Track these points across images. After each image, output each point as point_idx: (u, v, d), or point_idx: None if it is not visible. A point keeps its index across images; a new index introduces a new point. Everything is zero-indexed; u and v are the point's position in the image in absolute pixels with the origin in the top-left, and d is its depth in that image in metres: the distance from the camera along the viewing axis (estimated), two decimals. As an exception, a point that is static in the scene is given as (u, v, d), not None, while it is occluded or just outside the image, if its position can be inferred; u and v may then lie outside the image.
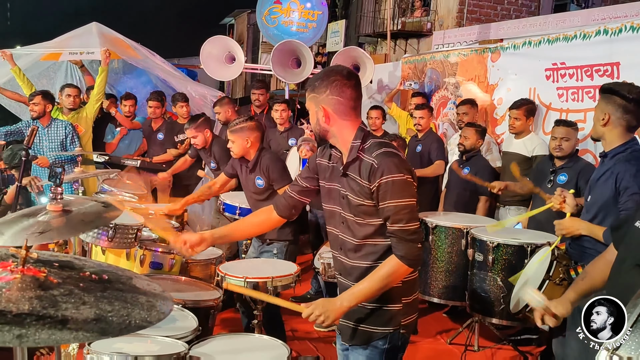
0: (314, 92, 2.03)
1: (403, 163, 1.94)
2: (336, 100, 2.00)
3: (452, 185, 4.81)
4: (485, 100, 5.43)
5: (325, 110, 2.00)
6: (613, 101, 2.60)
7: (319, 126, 2.04)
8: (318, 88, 2.01)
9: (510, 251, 3.54)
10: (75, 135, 5.22)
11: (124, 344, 2.06)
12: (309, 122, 5.43)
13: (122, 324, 0.97)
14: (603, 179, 2.68)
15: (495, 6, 9.73)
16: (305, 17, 6.82)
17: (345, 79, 2.00)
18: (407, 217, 1.91)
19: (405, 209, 1.91)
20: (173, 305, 1.17)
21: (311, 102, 2.06)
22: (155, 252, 3.16)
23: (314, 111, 2.04)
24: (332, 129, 2.03)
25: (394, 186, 1.90)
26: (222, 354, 2.12)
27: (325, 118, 2.01)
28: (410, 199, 1.92)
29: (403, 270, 1.94)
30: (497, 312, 3.61)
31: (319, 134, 2.07)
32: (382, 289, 1.96)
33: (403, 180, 1.91)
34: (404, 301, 2.04)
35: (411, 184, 1.94)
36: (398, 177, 1.90)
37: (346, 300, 1.96)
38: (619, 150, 2.62)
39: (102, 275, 1.13)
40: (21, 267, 1.05)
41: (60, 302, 0.97)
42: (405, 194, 1.91)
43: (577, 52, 4.45)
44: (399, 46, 10.68)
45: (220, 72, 6.81)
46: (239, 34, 19.40)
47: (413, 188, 1.95)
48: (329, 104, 2.00)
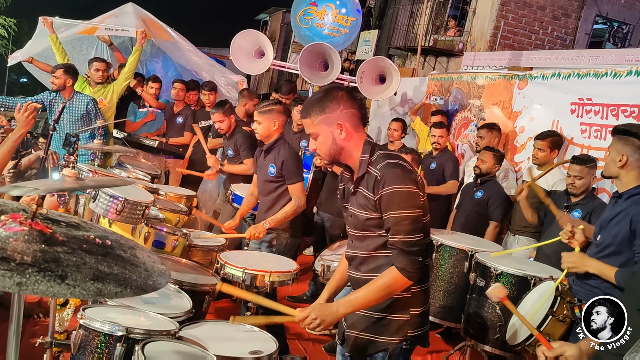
0: (325, 113, 1.99)
1: (407, 173, 1.91)
2: (351, 112, 2.00)
3: (463, 206, 4.79)
4: (507, 126, 5.41)
5: (343, 125, 1.98)
6: (631, 143, 2.60)
7: (335, 146, 2.01)
8: (329, 107, 1.99)
9: (513, 281, 3.49)
10: (99, 110, 5.30)
11: (118, 314, 2.09)
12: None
13: (118, 288, 0.99)
14: (617, 220, 2.66)
15: (530, 35, 9.68)
16: (338, 22, 6.84)
17: (349, 92, 2.03)
18: (408, 228, 1.88)
19: (405, 220, 1.88)
20: (170, 279, 1.19)
21: (321, 125, 2.00)
22: (159, 231, 3.20)
23: (327, 132, 2.00)
24: (348, 146, 2.02)
25: (395, 197, 1.88)
26: (210, 339, 2.14)
27: (346, 133, 1.99)
28: (413, 210, 1.89)
29: (402, 283, 1.91)
30: (491, 340, 3.57)
31: (334, 155, 2.04)
32: (379, 299, 1.94)
33: (405, 192, 1.88)
34: (412, 312, 2.00)
35: (415, 194, 1.90)
36: (399, 188, 1.88)
37: (342, 306, 1.95)
38: (635, 192, 2.60)
39: (105, 241, 1.16)
40: (30, 221, 1.07)
41: (62, 259, 0.99)
42: (407, 205, 1.88)
43: (605, 90, 4.41)
44: (428, 62, 10.67)
45: (248, 66, 6.85)
46: (272, 31, 19.52)
47: (417, 199, 1.91)
48: (345, 118, 1.99)
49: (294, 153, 3.70)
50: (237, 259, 3.02)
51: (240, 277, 2.91)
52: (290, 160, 3.55)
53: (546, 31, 9.74)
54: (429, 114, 6.68)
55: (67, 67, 5.18)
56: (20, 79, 20.91)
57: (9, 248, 0.96)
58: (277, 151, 3.58)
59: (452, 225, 4.86)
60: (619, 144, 2.63)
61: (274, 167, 3.59)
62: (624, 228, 2.60)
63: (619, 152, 2.62)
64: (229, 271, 2.95)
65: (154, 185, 4.20)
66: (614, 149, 2.66)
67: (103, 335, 1.94)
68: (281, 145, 3.61)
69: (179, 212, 3.85)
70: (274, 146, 3.60)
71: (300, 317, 1.96)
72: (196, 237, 3.67)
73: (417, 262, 1.90)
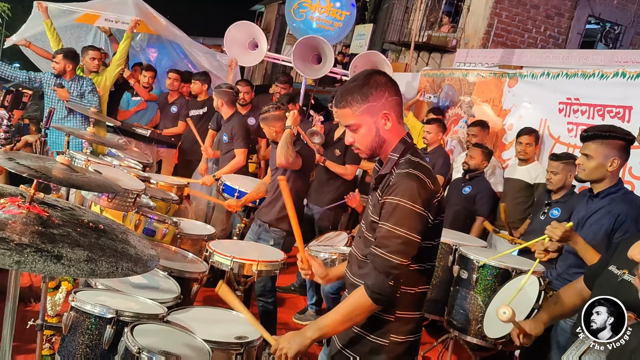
0: (369, 101, 1.77)
1: (423, 191, 1.69)
2: (396, 100, 1.80)
3: (451, 201, 4.86)
4: (496, 124, 5.49)
5: (390, 115, 1.78)
6: (614, 145, 2.62)
7: (378, 138, 1.80)
8: (374, 95, 1.76)
9: (495, 273, 3.58)
10: (95, 92, 5.36)
11: (108, 298, 2.14)
12: (319, 114, 5.49)
13: (110, 269, 1.05)
14: (595, 218, 2.73)
15: (522, 33, 9.75)
16: (332, 15, 6.89)
17: (390, 78, 1.82)
18: (395, 248, 1.68)
19: (397, 239, 1.68)
20: (158, 262, 1.25)
21: (364, 115, 1.78)
22: (150, 219, 3.25)
23: (371, 123, 1.78)
24: (390, 137, 1.81)
25: (396, 210, 1.69)
26: (197, 323, 2.20)
27: (392, 124, 1.78)
28: (409, 232, 1.68)
29: (367, 305, 1.72)
30: (474, 330, 3.66)
31: (375, 149, 1.83)
32: (347, 322, 1.77)
33: (409, 209, 1.68)
34: (393, 339, 1.80)
35: (419, 215, 1.68)
36: (404, 203, 1.68)
37: (310, 331, 1.78)
38: (612, 191, 2.68)
39: (98, 225, 1.22)
40: (28, 204, 1.13)
41: (57, 241, 1.05)
42: (406, 224, 1.68)
43: (592, 91, 4.50)
44: (422, 58, 10.72)
45: (241, 57, 6.89)
46: (267, 23, 19.46)
47: (419, 221, 1.69)
48: (392, 106, 1.79)
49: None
50: (225, 248, 3.08)
51: (228, 265, 2.97)
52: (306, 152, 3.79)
53: (539, 30, 9.82)
54: (420, 111, 6.75)
55: (66, 52, 5.24)
56: (13, 63, 20.73)
57: (9, 229, 1.02)
58: None
59: (439, 220, 4.93)
60: (604, 147, 2.61)
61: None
62: (604, 226, 2.68)
63: (607, 156, 2.61)
64: (217, 259, 3.01)
65: (145, 173, 4.25)
66: (600, 153, 2.62)
67: (93, 318, 1.99)
68: None
69: (169, 201, 3.89)
70: None
71: (274, 348, 1.83)
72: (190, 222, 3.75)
73: (387, 286, 1.69)
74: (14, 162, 1.53)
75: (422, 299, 1.86)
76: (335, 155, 4.66)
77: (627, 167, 4.02)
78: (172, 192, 4.24)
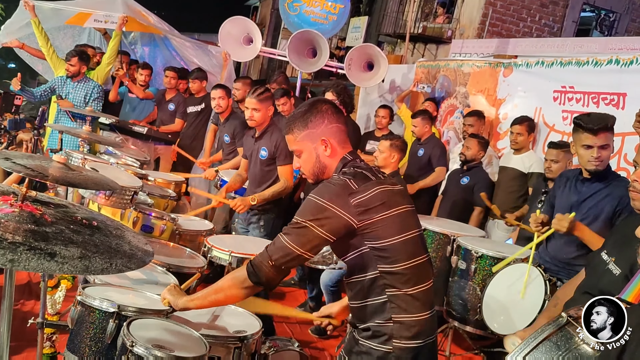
0: (308, 128, 1.86)
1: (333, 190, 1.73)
2: (337, 127, 1.87)
3: (449, 192, 4.88)
4: (491, 113, 5.50)
5: (329, 141, 1.85)
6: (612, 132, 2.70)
7: (318, 164, 1.88)
8: (313, 122, 1.85)
9: (493, 263, 3.60)
10: (101, 99, 5.44)
11: (115, 293, 2.17)
12: None
13: (104, 265, 1.06)
14: (594, 201, 2.75)
15: (517, 22, 9.74)
16: (327, 9, 6.88)
17: (333, 106, 1.90)
18: (290, 231, 1.73)
19: (293, 224, 1.73)
20: (153, 257, 1.26)
21: (304, 141, 1.87)
22: (148, 215, 3.26)
23: (311, 149, 1.87)
24: (331, 163, 1.87)
25: (304, 204, 1.75)
26: (195, 316, 2.22)
27: (331, 150, 1.85)
28: (307, 221, 1.70)
29: (241, 277, 1.78)
30: (473, 320, 3.68)
31: (317, 174, 1.90)
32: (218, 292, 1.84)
33: (314, 202, 1.72)
34: (396, 344, 1.75)
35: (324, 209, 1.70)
36: (312, 198, 1.73)
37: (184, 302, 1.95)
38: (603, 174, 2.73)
39: (92, 222, 1.23)
40: (20, 203, 1.14)
41: (51, 238, 1.06)
42: (306, 214, 1.72)
43: (587, 78, 4.51)
44: (418, 50, 10.71)
45: (236, 53, 6.88)
46: (262, 17, 19.40)
47: (323, 214, 1.70)
48: (331, 133, 1.86)
49: None
50: (223, 243, 3.09)
51: (226, 260, 2.98)
52: (284, 142, 3.64)
53: (534, 19, 9.81)
54: (416, 102, 6.75)
55: (80, 54, 5.33)
56: (7, 65, 20.65)
57: (1, 228, 1.03)
58: (270, 135, 3.69)
59: (438, 210, 4.96)
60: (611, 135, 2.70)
61: (266, 150, 3.69)
62: (605, 209, 2.71)
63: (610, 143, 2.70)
64: (215, 254, 3.02)
65: (142, 171, 4.25)
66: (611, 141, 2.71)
67: (97, 312, 2.01)
68: (274, 129, 3.73)
69: (167, 198, 3.91)
70: (267, 130, 3.71)
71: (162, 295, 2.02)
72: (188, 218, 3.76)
73: (266, 262, 1.73)
74: (10, 162, 1.54)
75: (421, 300, 1.78)
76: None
77: (622, 153, 4.04)
78: (170, 188, 4.25)
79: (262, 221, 3.69)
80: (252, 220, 3.73)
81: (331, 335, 3.65)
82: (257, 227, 3.70)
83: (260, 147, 3.71)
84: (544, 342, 1.44)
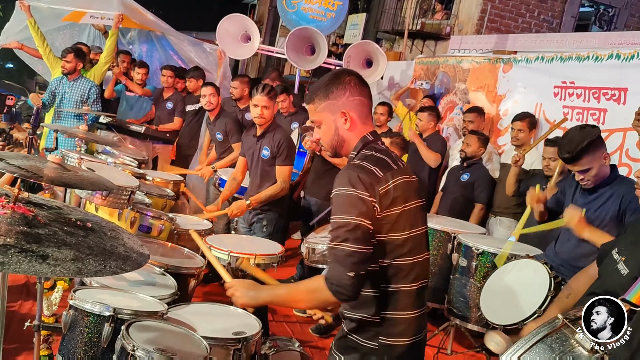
0: (328, 99, 1.78)
1: (360, 177, 1.66)
2: (359, 100, 1.79)
3: (449, 189, 4.85)
4: (491, 110, 5.46)
5: (348, 114, 1.77)
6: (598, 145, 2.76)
7: (337, 137, 1.80)
8: (334, 93, 1.77)
9: (493, 260, 3.58)
10: (98, 98, 5.40)
11: (108, 296, 2.13)
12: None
13: (97, 267, 1.03)
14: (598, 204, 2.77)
15: (516, 18, 9.70)
16: (325, 5, 6.85)
17: (359, 78, 1.82)
18: (345, 235, 1.63)
19: (343, 227, 1.63)
20: (148, 259, 1.23)
21: (325, 112, 1.80)
22: (145, 215, 3.23)
23: (330, 121, 1.79)
24: (350, 137, 1.80)
25: (337, 200, 1.67)
26: (195, 318, 2.19)
27: (350, 123, 1.78)
28: (354, 217, 1.63)
29: (325, 295, 1.65)
30: (474, 318, 3.66)
31: (336, 147, 1.83)
32: (299, 302, 1.79)
33: (348, 195, 1.65)
34: (382, 341, 1.73)
35: (362, 200, 1.64)
36: (344, 191, 1.65)
37: (264, 292, 1.84)
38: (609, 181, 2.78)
39: (86, 223, 1.19)
40: (12, 205, 1.11)
41: (43, 240, 1.03)
42: (348, 210, 1.64)
43: (587, 73, 4.47)
44: (416, 46, 10.67)
45: (234, 50, 6.85)
46: (260, 15, 19.34)
47: (364, 205, 1.64)
48: (351, 106, 1.78)
49: (289, 137, 3.79)
50: (222, 242, 3.06)
51: (225, 260, 2.95)
52: (286, 143, 3.65)
53: (533, 14, 9.77)
54: (415, 99, 6.72)
55: (77, 51, 5.31)
56: (5, 65, 20.59)
57: (-9, 230, 1.00)
58: (273, 134, 3.66)
59: (438, 208, 4.93)
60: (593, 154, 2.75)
61: (268, 149, 3.66)
62: (610, 210, 2.70)
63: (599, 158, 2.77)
64: (214, 254, 2.99)
65: (140, 170, 4.22)
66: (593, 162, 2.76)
67: (92, 316, 1.97)
68: (276, 128, 3.71)
69: (165, 197, 3.87)
70: (269, 129, 3.68)
71: (227, 284, 1.89)
72: (187, 218, 3.73)
73: (344, 276, 1.62)
74: (4, 163, 1.51)
75: (411, 297, 1.75)
76: (331, 147, 4.64)
77: (624, 149, 4.01)
78: (169, 188, 4.22)
79: (264, 221, 3.66)
80: (254, 221, 3.70)
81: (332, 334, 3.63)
82: (260, 228, 3.67)
83: (263, 146, 3.67)
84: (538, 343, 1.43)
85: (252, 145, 3.76)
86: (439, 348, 3.87)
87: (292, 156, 3.70)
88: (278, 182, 3.64)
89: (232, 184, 3.97)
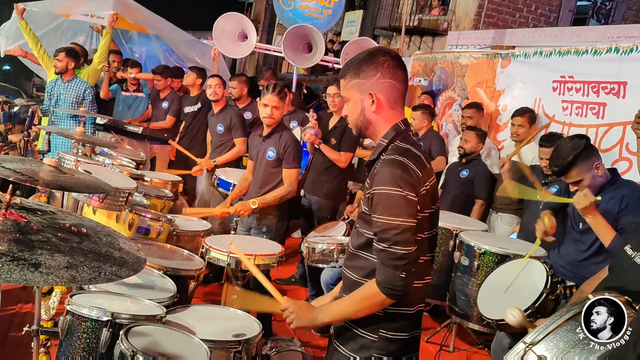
0: (359, 77, 1.72)
1: (405, 177, 1.63)
2: (389, 83, 1.72)
3: (449, 186, 4.83)
4: (490, 105, 5.44)
5: (376, 96, 1.72)
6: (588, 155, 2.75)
7: (362, 117, 1.75)
8: (365, 72, 1.71)
9: (496, 259, 3.53)
10: (94, 100, 5.39)
11: (105, 300, 2.10)
12: (315, 111, 5.40)
13: (92, 274, 1.01)
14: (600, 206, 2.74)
15: (514, 13, 9.67)
16: (321, 3, 6.82)
17: (395, 60, 1.74)
18: (395, 238, 1.62)
19: (394, 229, 1.62)
20: (145, 264, 1.20)
21: (353, 90, 1.75)
22: (144, 217, 3.20)
23: (358, 100, 1.75)
24: (377, 121, 1.75)
25: (385, 200, 1.63)
26: (194, 321, 2.17)
27: (377, 106, 1.73)
28: (404, 220, 1.62)
29: (380, 299, 1.66)
30: (476, 317, 3.63)
31: (360, 127, 1.78)
32: (358, 312, 1.72)
33: (397, 196, 1.62)
34: (382, 334, 1.74)
35: (410, 201, 1.63)
36: (391, 191, 1.62)
37: (322, 314, 1.78)
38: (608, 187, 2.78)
39: (80, 229, 1.17)
40: (4, 211, 1.08)
41: (36, 247, 1.01)
42: (398, 212, 1.62)
43: (586, 67, 4.45)
44: (414, 42, 10.64)
45: (231, 49, 6.81)
46: (256, 13, 19.28)
47: (410, 206, 1.63)
48: (381, 88, 1.72)
49: (297, 140, 3.72)
50: (221, 243, 3.04)
51: (225, 261, 2.93)
52: (293, 145, 3.58)
53: (530, 9, 9.74)
54: (413, 95, 6.69)
55: (69, 50, 5.31)
56: (2, 67, 20.54)
57: (-18, 238, 0.97)
58: (279, 135, 3.59)
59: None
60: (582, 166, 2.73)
61: (273, 150, 3.60)
62: (611, 211, 2.69)
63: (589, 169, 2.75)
64: (213, 255, 2.97)
65: (138, 171, 4.19)
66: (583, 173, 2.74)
67: (90, 321, 1.94)
68: (283, 129, 3.65)
69: (164, 198, 3.84)
70: (276, 130, 3.62)
71: (282, 307, 1.85)
72: (187, 219, 3.70)
73: (398, 278, 1.63)
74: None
75: (413, 295, 1.73)
76: (330, 144, 4.61)
77: (624, 143, 3.99)
78: (167, 188, 4.19)
79: (263, 227, 3.58)
80: (252, 225, 3.65)
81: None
82: (259, 233, 3.60)
83: (268, 147, 3.60)
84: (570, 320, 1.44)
85: (258, 145, 3.71)
86: (441, 345, 3.85)
87: (299, 159, 3.61)
88: (285, 185, 3.56)
89: (243, 184, 3.91)
